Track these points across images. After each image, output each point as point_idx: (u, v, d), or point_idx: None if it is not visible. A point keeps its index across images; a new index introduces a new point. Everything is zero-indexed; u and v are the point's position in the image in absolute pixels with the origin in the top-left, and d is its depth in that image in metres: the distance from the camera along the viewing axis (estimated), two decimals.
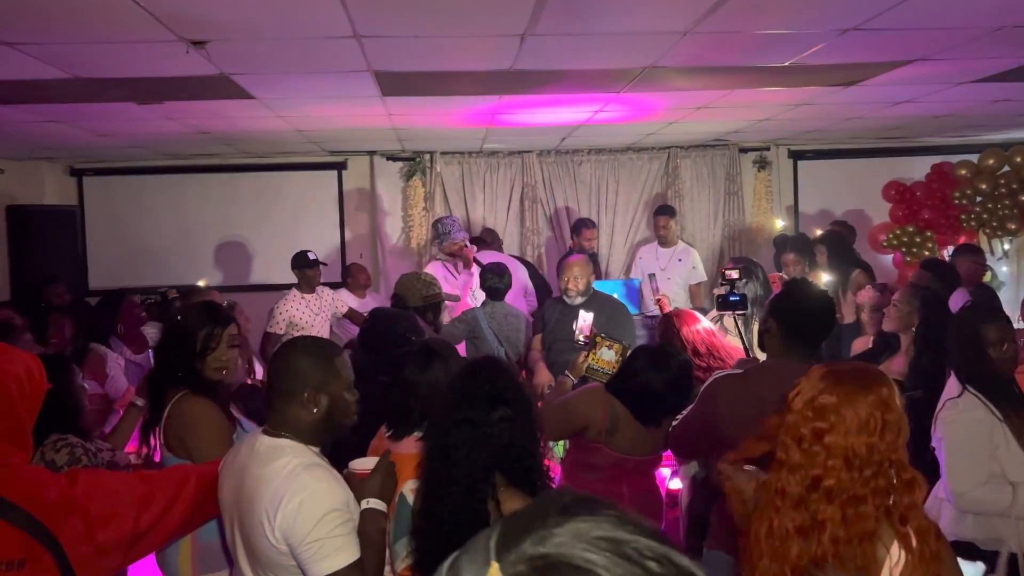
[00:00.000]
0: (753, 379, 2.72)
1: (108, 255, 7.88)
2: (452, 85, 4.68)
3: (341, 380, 2.19)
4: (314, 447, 2.17)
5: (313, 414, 2.14)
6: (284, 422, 2.15)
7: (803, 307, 2.71)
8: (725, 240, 8.17)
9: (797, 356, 2.65)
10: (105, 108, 4.99)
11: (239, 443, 2.30)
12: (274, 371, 2.21)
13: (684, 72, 4.44)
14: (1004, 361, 3.03)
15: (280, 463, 2.07)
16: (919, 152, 8.13)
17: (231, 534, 2.19)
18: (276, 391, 2.18)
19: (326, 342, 2.37)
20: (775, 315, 2.72)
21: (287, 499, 1.99)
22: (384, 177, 8.08)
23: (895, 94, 5.29)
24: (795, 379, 2.50)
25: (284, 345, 2.34)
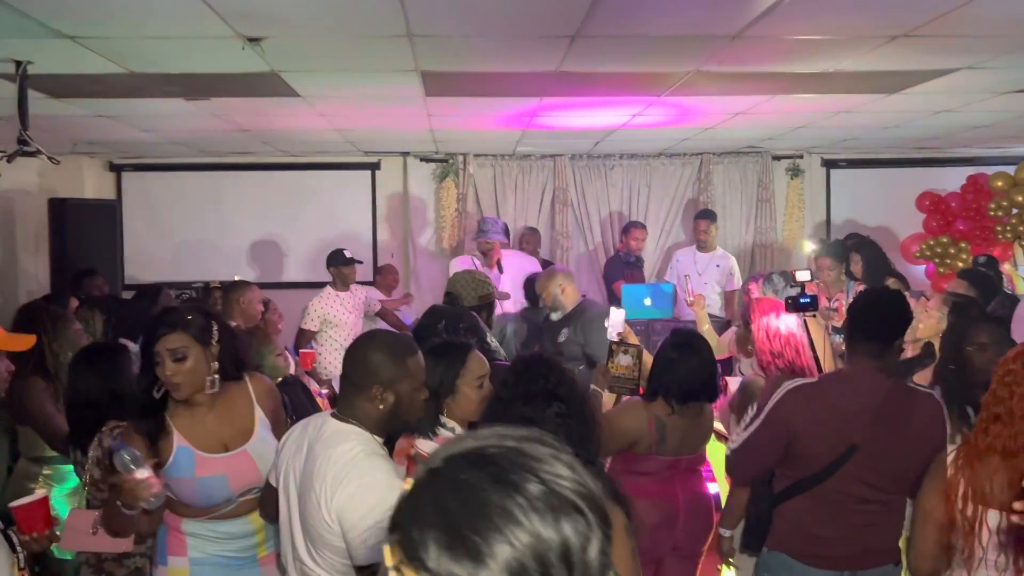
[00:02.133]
0: (828, 388, 2.66)
1: (144, 249, 8.00)
2: (496, 86, 4.73)
3: (411, 379, 2.21)
4: (378, 437, 2.21)
5: (379, 409, 2.17)
6: (352, 411, 2.20)
7: (875, 313, 2.68)
8: (756, 248, 8.16)
9: (871, 363, 2.60)
10: (152, 104, 5.07)
11: (307, 421, 2.33)
12: (348, 361, 2.24)
13: (728, 77, 4.46)
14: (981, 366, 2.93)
15: (345, 447, 2.11)
16: (953, 163, 8.09)
17: (286, 510, 2.23)
18: (348, 380, 2.23)
19: (403, 339, 2.36)
20: (852, 325, 2.71)
21: (346, 483, 2.04)
22: (417, 178, 8.14)
23: (937, 103, 5.29)
24: (874, 387, 2.55)
25: (362, 337, 2.37)
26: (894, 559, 2.70)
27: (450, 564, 0.82)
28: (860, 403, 2.57)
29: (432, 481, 0.88)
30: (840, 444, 2.55)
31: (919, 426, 2.61)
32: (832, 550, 2.61)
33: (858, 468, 2.54)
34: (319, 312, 5.97)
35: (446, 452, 0.91)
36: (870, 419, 2.55)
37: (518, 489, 0.84)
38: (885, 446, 2.55)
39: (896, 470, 2.58)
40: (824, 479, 2.56)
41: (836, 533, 2.60)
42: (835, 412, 2.56)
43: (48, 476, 3.69)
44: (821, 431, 2.57)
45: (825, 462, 2.56)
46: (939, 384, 3.76)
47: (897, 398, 2.60)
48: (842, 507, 2.58)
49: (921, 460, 2.59)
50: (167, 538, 2.59)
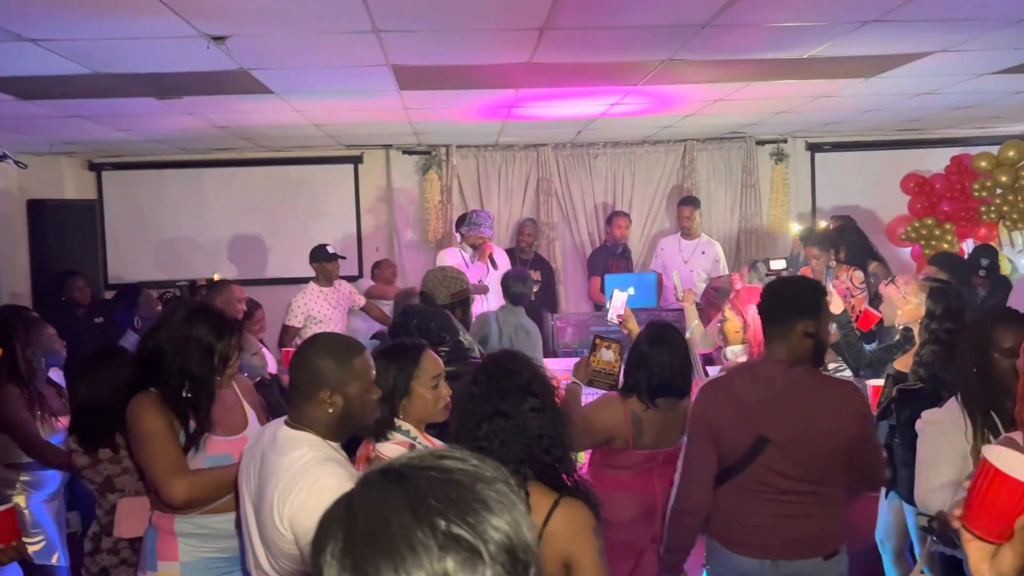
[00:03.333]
0: (732, 380, 2.71)
1: (127, 249, 7.95)
2: (469, 78, 4.68)
3: (359, 380, 2.18)
4: (333, 442, 2.19)
5: (329, 414, 2.15)
6: (303, 417, 2.18)
7: (773, 302, 2.68)
8: (742, 233, 8.14)
9: (775, 351, 2.61)
10: (125, 103, 5.03)
11: (262, 429, 2.33)
12: (293, 368, 2.23)
13: (702, 65, 4.42)
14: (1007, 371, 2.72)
15: (296, 454, 2.09)
16: (938, 144, 8.06)
17: (246, 519, 2.22)
18: (295, 387, 2.21)
19: (346, 341, 2.34)
20: (760, 314, 2.72)
21: (297, 490, 2.02)
22: (400, 171, 8.10)
23: (915, 86, 5.26)
24: (770, 377, 2.54)
25: (304, 343, 2.35)
26: (825, 551, 2.64)
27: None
28: (761, 393, 2.57)
29: (355, 493, 0.89)
30: (749, 435, 2.55)
31: (828, 414, 2.58)
32: (755, 539, 2.60)
33: (772, 458, 2.54)
34: (303, 308, 5.94)
35: (380, 467, 0.92)
36: (773, 408, 2.55)
37: (427, 520, 0.84)
38: (794, 435, 2.53)
39: (808, 459, 2.55)
40: (741, 469, 2.57)
41: (759, 522, 2.59)
42: (740, 404, 2.58)
43: (26, 483, 3.68)
44: (731, 423, 2.58)
45: (739, 454, 2.57)
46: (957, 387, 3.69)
47: (801, 386, 2.58)
48: (762, 496, 2.58)
49: (833, 449, 2.59)
50: (156, 542, 2.58)
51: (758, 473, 2.56)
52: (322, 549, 0.86)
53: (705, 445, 2.63)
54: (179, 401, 2.55)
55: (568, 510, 2.03)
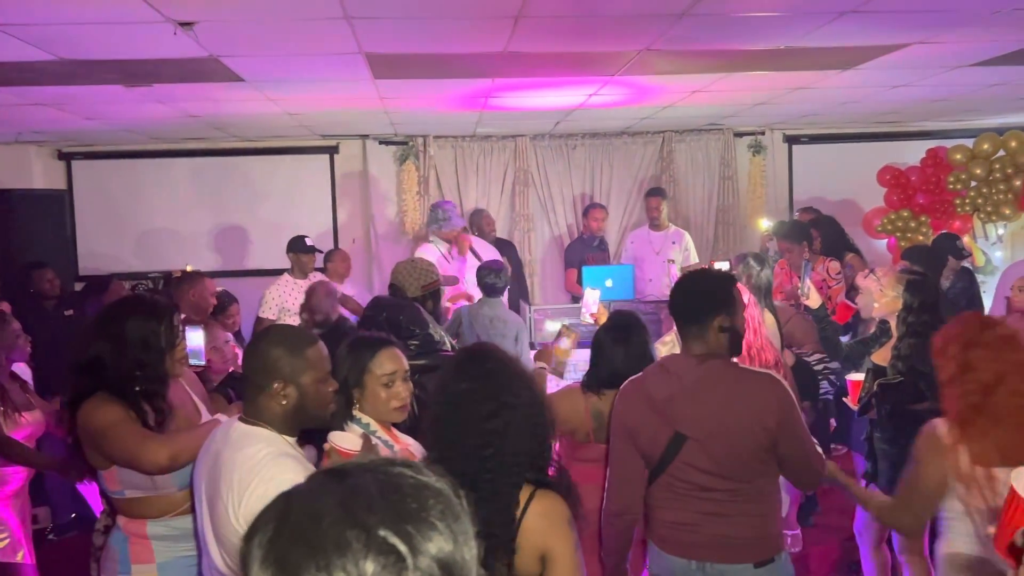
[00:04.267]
0: (645, 379, 2.65)
1: (98, 240, 7.82)
2: (445, 67, 4.62)
3: (313, 370, 2.14)
4: (289, 436, 2.14)
5: (283, 406, 2.11)
6: (257, 411, 2.13)
7: (679, 295, 2.66)
8: (719, 225, 8.14)
9: (687, 347, 2.59)
10: (92, 91, 4.92)
11: (218, 428, 2.28)
12: (246, 361, 2.19)
13: (679, 56, 4.39)
14: None
15: (251, 450, 2.05)
16: (914, 137, 8.11)
17: (201, 516, 2.18)
18: (249, 380, 2.16)
19: (298, 331, 2.31)
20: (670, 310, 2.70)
21: (252, 487, 1.97)
22: (377, 161, 8.02)
23: (891, 78, 5.26)
24: (680, 373, 2.51)
25: (257, 335, 2.33)
26: (755, 557, 2.53)
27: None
28: (671, 390, 2.53)
29: (293, 491, 0.90)
30: (664, 433, 2.51)
31: (745, 407, 2.49)
32: (682, 537, 2.56)
33: (692, 455, 2.50)
34: (276, 300, 5.86)
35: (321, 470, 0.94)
36: (686, 404, 2.50)
37: (362, 525, 0.83)
38: (710, 430, 2.47)
39: (728, 455, 2.48)
40: (664, 468, 2.54)
41: (684, 519, 2.55)
42: (652, 402, 2.54)
43: None
44: (647, 423, 2.55)
45: (657, 453, 2.53)
46: (895, 360, 3.75)
47: (716, 380, 2.51)
48: (687, 495, 2.54)
49: (753, 443, 2.50)
50: (129, 548, 2.53)
51: (680, 471, 2.52)
52: (251, 538, 0.87)
53: (625, 446, 2.60)
54: (132, 396, 2.50)
55: (543, 503, 1.99)
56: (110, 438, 2.45)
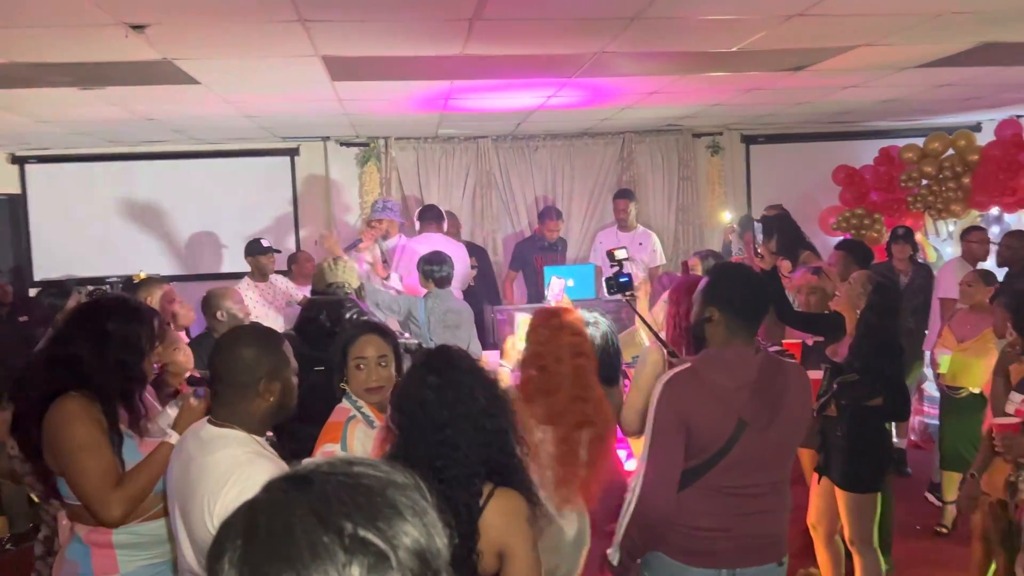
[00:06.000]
0: (706, 370, 2.55)
1: (54, 245, 7.68)
2: (402, 70, 4.64)
3: (289, 365, 2.22)
4: (259, 436, 2.17)
5: (269, 403, 2.15)
6: (233, 413, 2.14)
7: (745, 290, 2.59)
8: (679, 225, 8.24)
9: (742, 339, 2.54)
10: (45, 93, 4.86)
11: (187, 431, 2.28)
12: (223, 364, 2.18)
13: (634, 58, 4.45)
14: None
15: (224, 453, 2.07)
16: (868, 136, 8.28)
17: (175, 521, 2.18)
18: (226, 384, 2.16)
19: (269, 330, 2.35)
20: (716, 303, 2.56)
21: (227, 489, 1.99)
22: (338, 163, 7.99)
23: (842, 79, 5.38)
24: (747, 362, 2.51)
25: (227, 337, 2.31)
26: (778, 556, 2.58)
27: None
28: (740, 380, 2.50)
29: (256, 499, 0.87)
30: (729, 423, 2.47)
31: (796, 398, 2.58)
32: (712, 546, 2.51)
33: (746, 447, 2.47)
34: None
35: (286, 473, 0.90)
36: (751, 394, 2.49)
37: (332, 526, 0.82)
38: (767, 422, 2.48)
39: (779, 445, 2.53)
40: (714, 464, 2.47)
41: (716, 525, 2.50)
42: (718, 391, 2.49)
43: None
44: (710, 413, 2.48)
45: (717, 445, 2.47)
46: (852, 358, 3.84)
47: (772, 371, 2.54)
48: (725, 494, 2.49)
49: (800, 432, 2.62)
50: (92, 560, 2.49)
51: (728, 468, 2.47)
52: (219, 557, 0.83)
53: (676, 440, 2.46)
54: (108, 396, 2.48)
55: (501, 500, 2.02)
56: (75, 464, 2.41)
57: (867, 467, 3.79)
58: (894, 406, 3.87)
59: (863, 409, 3.77)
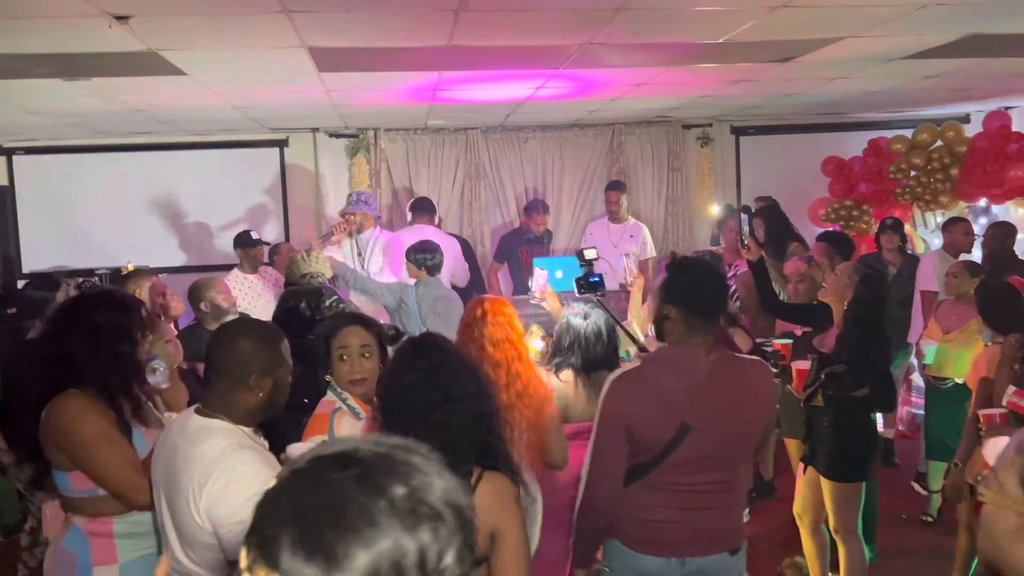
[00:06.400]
0: (651, 371, 2.56)
1: (42, 237, 7.65)
2: (389, 61, 4.63)
3: (286, 363, 2.24)
4: (247, 428, 2.18)
5: (259, 398, 2.16)
6: (223, 404, 2.16)
7: (702, 287, 2.58)
8: (669, 217, 8.25)
9: (700, 336, 2.53)
10: (30, 85, 4.83)
11: (172, 421, 2.28)
12: (219, 354, 2.19)
13: (620, 49, 4.45)
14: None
15: (210, 444, 2.08)
16: (857, 128, 8.29)
17: (160, 512, 2.20)
18: (220, 374, 2.17)
19: (268, 326, 2.37)
20: (673, 300, 2.55)
21: (213, 480, 2.01)
22: (328, 154, 7.97)
23: (829, 71, 5.39)
24: (696, 364, 2.50)
25: (228, 329, 2.33)
26: (731, 545, 2.61)
27: (303, 566, 0.80)
28: (683, 381, 2.49)
29: (294, 480, 0.87)
30: (669, 424, 2.47)
31: (748, 398, 2.57)
32: (661, 536, 2.53)
33: (689, 447, 2.47)
34: None
35: (314, 453, 0.91)
36: (696, 397, 2.48)
37: (382, 492, 0.84)
38: (717, 421, 2.49)
39: (725, 445, 2.52)
40: (657, 464, 2.49)
41: (664, 517, 2.51)
42: (661, 393, 2.49)
43: None
44: (651, 414, 2.49)
45: (659, 446, 2.48)
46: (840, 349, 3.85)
47: (723, 372, 2.53)
48: (672, 491, 2.51)
49: (751, 432, 2.60)
50: (91, 549, 2.49)
51: (673, 466, 2.48)
52: (272, 543, 0.84)
53: (618, 439, 2.50)
54: (108, 389, 2.48)
55: (490, 483, 2.05)
56: (97, 457, 2.41)
57: (853, 457, 3.82)
58: (880, 396, 3.90)
59: (850, 399, 3.80)
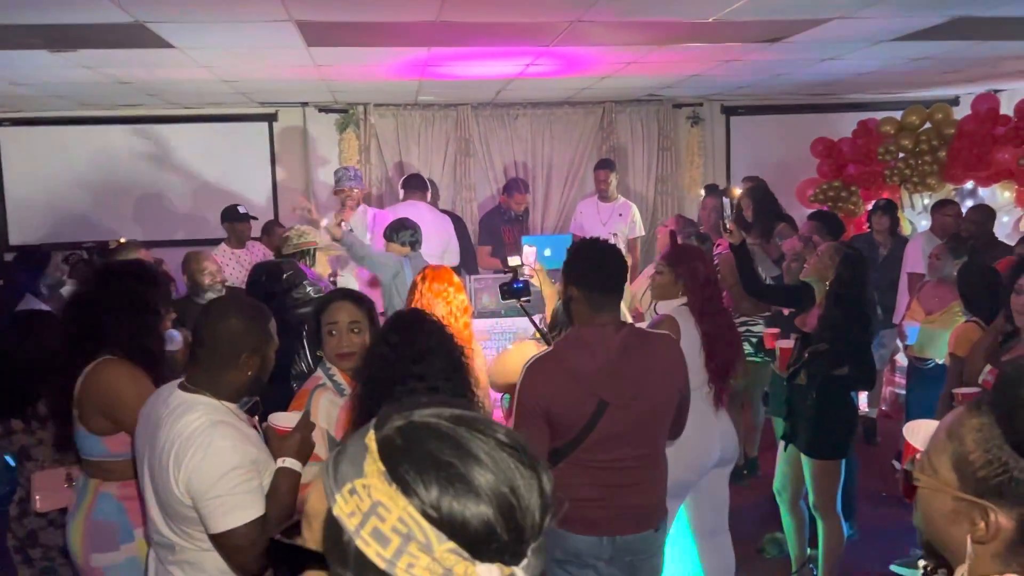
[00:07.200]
0: (564, 354, 2.59)
1: (29, 209, 7.61)
2: (379, 36, 4.61)
3: (273, 341, 2.25)
4: (230, 403, 2.20)
5: (247, 376, 2.18)
6: (209, 380, 2.18)
7: (597, 265, 2.61)
8: (658, 196, 8.27)
9: (607, 313, 2.58)
10: (16, 55, 4.79)
11: (155, 395, 2.31)
12: (209, 332, 2.20)
13: (610, 27, 4.44)
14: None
15: (190, 418, 2.10)
16: (847, 109, 8.30)
17: (143, 485, 2.22)
18: (208, 349, 2.18)
19: (259, 305, 2.39)
20: (574, 281, 2.59)
21: (191, 454, 2.04)
22: (317, 129, 7.94)
23: (818, 52, 5.39)
24: (608, 342, 2.53)
25: (219, 306, 2.35)
26: (654, 523, 2.66)
27: (439, 493, 0.85)
28: (597, 361, 2.52)
29: (414, 428, 0.90)
30: (587, 404, 2.51)
31: (661, 372, 2.61)
32: (589, 514, 2.52)
33: (608, 425, 2.50)
34: None
35: (429, 413, 0.93)
36: (610, 374, 2.51)
37: (490, 435, 0.91)
38: (633, 397, 2.52)
39: (644, 420, 2.57)
40: (579, 443, 2.52)
41: (591, 495, 2.52)
42: (576, 375, 2.52)
43: None
44: (568, 397, 2.52)
45: (578, 427, 2.51)
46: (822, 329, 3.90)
47: (633, 348, 2.57)
48: (595, 469, 2.53)
49: (668, 405, 2.65)
50: (128, 515, 2.56)
51: (594, 444, 2.51)
52: (407, 476, 0.86)
53: (538, 423, 2.51)
54: (144, 358, 2.56)
55: None
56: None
57: (833, 434, 3.87)
58: (860, 375, 3.94)
59: (830, 378, 3.85)
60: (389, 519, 0.84)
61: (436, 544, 0.83)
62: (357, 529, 0.85)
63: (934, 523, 1.20)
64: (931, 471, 1.20)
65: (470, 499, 0.85)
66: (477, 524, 0.84)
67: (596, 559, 2.57)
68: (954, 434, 1.19)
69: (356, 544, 0.85)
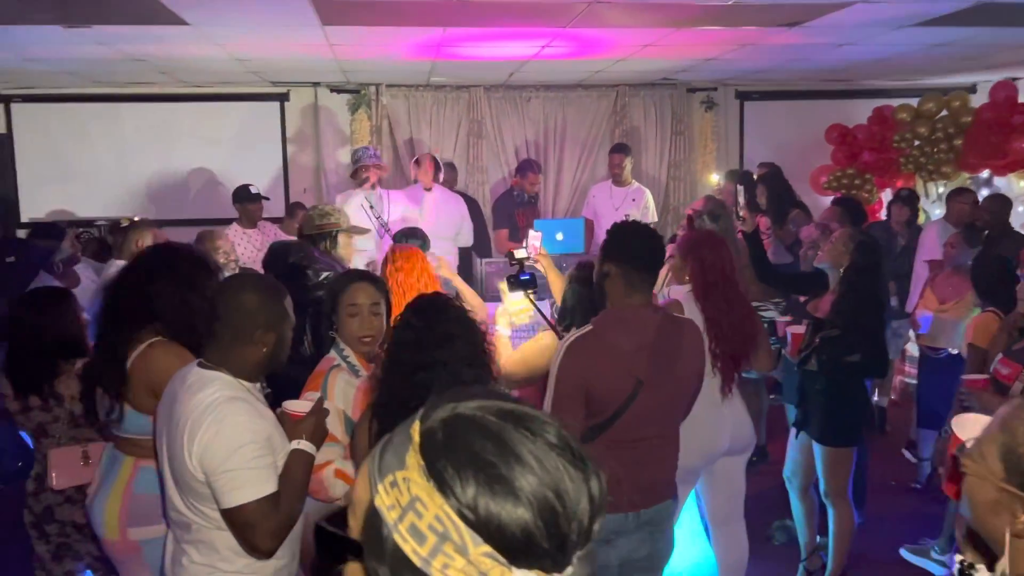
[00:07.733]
0: (605, 332, 2.62)
1: (41, 186, 7.62)
2: (394, 15, 4.57)
3: (289, 319, 2.24)
4: (247, 382, 2.20)
5: (263, 353, 2.17)
6: (224, 357, 2.17)
7: (638, 242, 2.65)
8: (671, 180, 8.23)
9: (641, 293, 2.63)
10: (29, 30, 4.77)
11: (176, 373, 2.30)
12: (223, 306, 2.19)
13: (628, 9, 4.40)
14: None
15: (205, 393, 2.10)
16: (862, 95, 8.22)
17: (161, 460, 2.22)
18: (224, 325, 2.17)
19: (273, 281, 2.38)
20: (612, 258, 2.63)
21: (204, 429, 2.04)
22: (329, 109, 7.92)
23: (837, 36, 5.33)
24: (645, 323, 2.59)
25: (235, 281, 2.35)
26: (672, 493, 2.77)
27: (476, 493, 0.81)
28: (639, 340, 2.59)
29: (458, 422, 0.86)
30: (626, 383, 2.55)
31: (690, 354, 2.72)
32: (617, 493, 2.59)
33: (642, 404, 2.55)
34: None
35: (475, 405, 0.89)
36: (649, 354, 2.58)
37: (538, 434, 0.86)
38: (665, 378, 2.60)
39: (672, 400, 2.67)
40: (612, 422, 2.55)
41: (620, 473, 2.58)
42: (617, 353, 2.57)
43: None
44: (608, 375, 2.55)
45: (614, 406, 2.55)
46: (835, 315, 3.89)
47: (668, 330, 2.66)
48: (622, 447, 2.55)
49: (693, 387, 2.76)
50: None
51: (625, 423, 2.55)
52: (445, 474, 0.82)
53: (575, 402, 2.54)
54: (191, 341, 2.54)
55: None
56: None
57: (844, 422, 3.86)
58: (872, 362, 3.92)
59: (843, 364, 3.83)
60: (426, 516, 0.80)
61: (472, 546, 0.80)
62: (396, 523, 0.82)
63: (977, 511, 1.20)
64: (979, 458, 1.20)
65: (509, 502, 0.80)
66: (515, 529, 0.80)
67: (617, 535, 2.60)
68: (1007, 426, 1.19)
69: (394, 538, 0.81)
